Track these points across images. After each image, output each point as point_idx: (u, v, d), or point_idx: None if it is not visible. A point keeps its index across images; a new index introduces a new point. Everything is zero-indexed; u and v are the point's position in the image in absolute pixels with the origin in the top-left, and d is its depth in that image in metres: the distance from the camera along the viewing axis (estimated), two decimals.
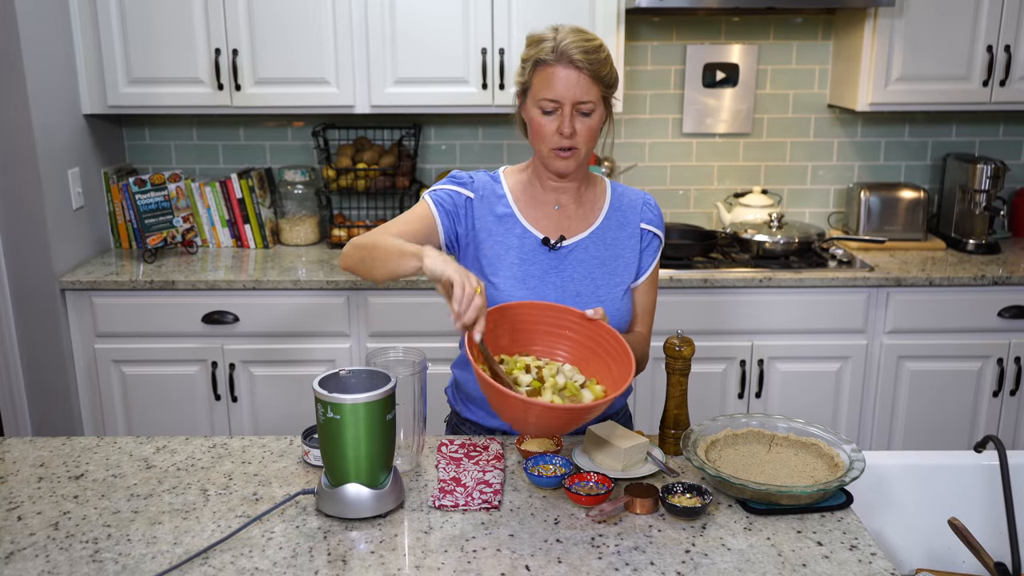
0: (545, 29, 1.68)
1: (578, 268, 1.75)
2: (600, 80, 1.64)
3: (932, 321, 3.01)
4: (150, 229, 3.20)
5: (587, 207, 1.79)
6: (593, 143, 1.70)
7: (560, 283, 1.74)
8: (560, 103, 1.64)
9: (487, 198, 1.77)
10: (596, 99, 1.65)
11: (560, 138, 1.65)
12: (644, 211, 1.81)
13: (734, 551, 1.35)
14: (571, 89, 1.63)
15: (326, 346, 3.01)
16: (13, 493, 1.54)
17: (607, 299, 1.74)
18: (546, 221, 1.77)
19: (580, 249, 1.76)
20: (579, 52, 1.61)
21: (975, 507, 1.72)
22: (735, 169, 3.53)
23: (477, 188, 1.78)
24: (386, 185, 3.33)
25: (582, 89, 1.63)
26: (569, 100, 1.63)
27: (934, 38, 3.06)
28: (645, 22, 3.39)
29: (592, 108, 1.65)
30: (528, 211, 1.77)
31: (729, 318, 3.00)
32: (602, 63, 1.64)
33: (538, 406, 1.40)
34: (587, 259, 1.76)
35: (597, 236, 1.77)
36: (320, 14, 3.01)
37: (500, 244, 1.75)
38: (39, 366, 3.00)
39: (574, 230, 1.77)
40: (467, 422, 1.86)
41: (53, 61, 2.94)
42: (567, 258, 1.75)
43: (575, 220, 1.78)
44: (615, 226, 1.79)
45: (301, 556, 1.34)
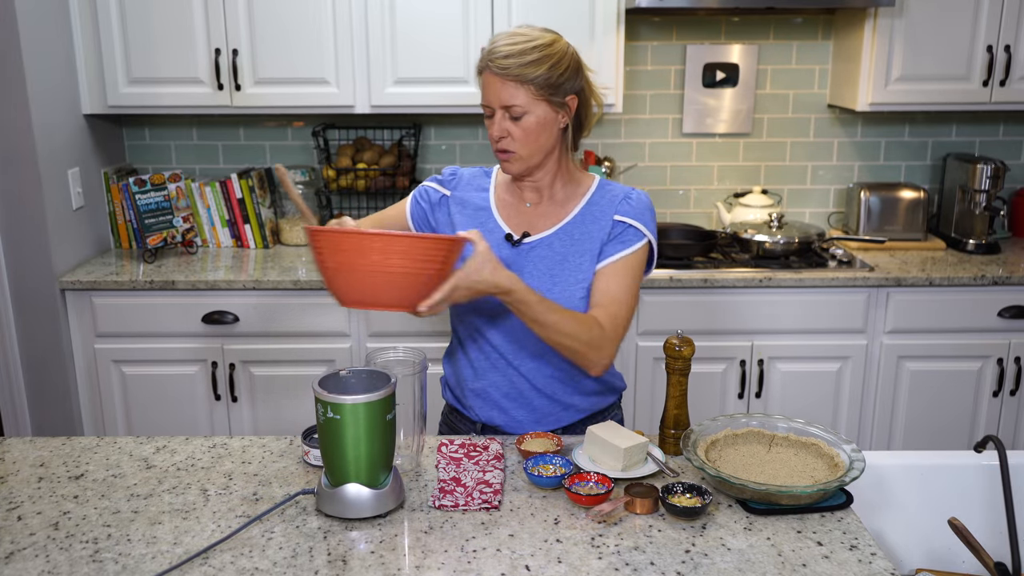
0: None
1: (538, 265, 1.73)
2: (530, 82, 1.63)
3: (932, 321, 3.01)
4: (150, 229, 3.20)
5: (559, 206, 1.78)
6: (536, 145, 1.68)
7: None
8: (492, 108, 1.67)
9: (468, 194, 1.82)
10: (526, 102, 1.64)
11: (494, 139, 1.69)
12: (622, 204, 1.74)
13: (734, 551, 1.35)
14: (496, 94, 1.65)
15: (326, 346, 3.01)
16: (13, 493, 1.54)
17: (561, 297, 1.70)
18: (518, 218, 1.78)
19: (543, 246, 1.75)
20: (500, 57, 1.62)
21: (975, 507, 1.72)
22: (735, 169, 3.53)
23: (458, 185, 1.83)
24: (386, 185, 3.33)
25: (507, 94, 1.64)
26: (497, 105, 1.66)
27: (934, 38, 3.07)
28: (645, 22, 3.39)
29: (523, 111, 1.65)
30: (504, 206, 1.80)
31: (729, 318, 3.00)
32: (529, 65, 1.62)
33: (379, 238, 1.39)
34: (549, 256, 1.74)
35: (564, 232, 1.75)
36: (320, 14, 3.02)
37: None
38: (39, 366, 3.00)
39: (540, 227, 1.77)
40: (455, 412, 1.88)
41: (53, 61, 2.94)
42: (528, 255, 1.74)
43: (544, 217, 1.77)
44: (587, 221, 1.75)
45: (301, 556, 1.34)
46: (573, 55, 1.69)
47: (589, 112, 1.76)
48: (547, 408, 1.79)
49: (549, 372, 1.76)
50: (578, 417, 1.82)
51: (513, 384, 1.77)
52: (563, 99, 1.68)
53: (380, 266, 1.42)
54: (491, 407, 1.80)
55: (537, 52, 1.63)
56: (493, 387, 1.79)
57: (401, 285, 1.45)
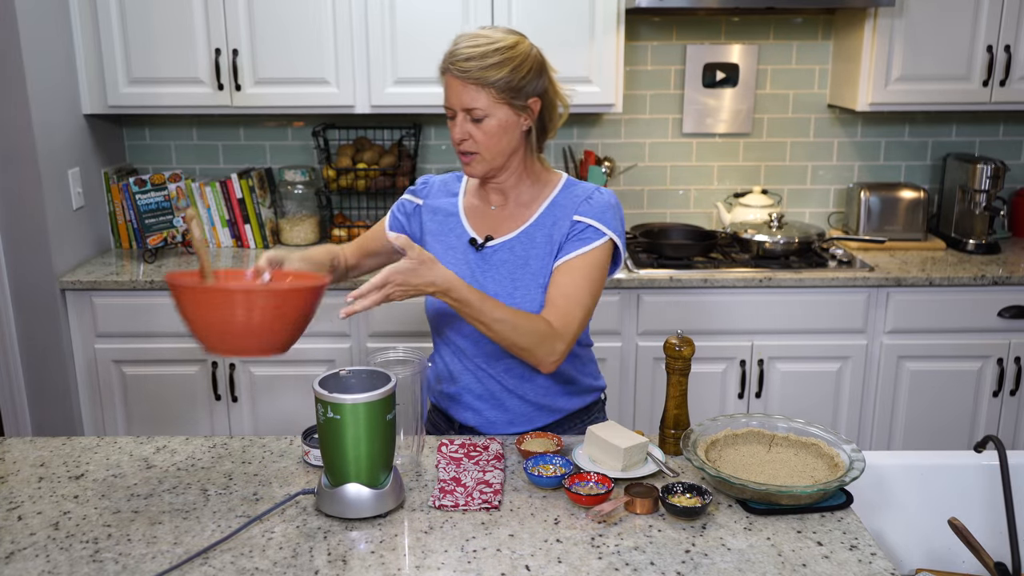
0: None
1: (500, 269, 1.73)
2: (491, 85, 1.62)
3: (932, 321, 3.01)
4: (150, 229, 3.20)
5: (523, 208, 1.77)
6: (497, 148, 1.68)
7: (480, 285, 1.73)
8: (454, 110, 1.67)
9: (439, 200, 1.83)
10: (488, 104, 1.64)
11: (457, 144, 1.69)
12: (583, 205, 1.72)
13: (734, 551, 1.35)
14: (457, 97, 1.65)
15: (326, 346, 3.01)
16: (13, 493, 1.54)
17: (523, 301, 1.70)
18: (484, 221, 1.78)
19: (505, 250, 1.74)
20: (461, 60, 1.62)
21: (975, 507, 1.72)
22: (735, 169, 3.53)
23: (430, 193, 1.85)
24: (386, 185, 3.33)
25: (468, 96, 1.64)
26: (458, 107, 1.66)
27: (934, 38, 3.07)
28: (645, 22, 3.39)
29: (484, 114, 1.64)
30: (471, 211, 1.80)
31: (729, 318, 3.00)
32: (489, 68, 1.61)
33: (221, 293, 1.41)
34: (511, 259, 1.73)
35: (526, 235, 1.74)
36: (320, 14, 3.02)
37: (445, 244, 1.79)
38: (39, 366, 3.00)
39: (503, 230, 1.76)
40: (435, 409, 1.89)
41: (53, 61, 2.94)
42: (491, 259, 1.75)
43: (507, 221, 1.77)
44: (549, 223, 1.73)
45: (301, 556, 1.34)
46: (536, 57, 1.68)
47: (554, 114, 1.75)
48: (520, 409, 1.79)
49: (519, 373, 1.76)
50: (554, 418, 1.81)
51: (485, 386, 1.78)
52: (525, 102, 1.67)
53: (235, 319, 1.42)
54: (464, 408, 1.81)
55: (498, 55, 1.62)
56: (466, 390, 1.80)
57: (259, 334, 1.45)
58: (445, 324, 1.79)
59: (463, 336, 1.77)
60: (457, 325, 1.77)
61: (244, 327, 1.42)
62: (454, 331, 1.78)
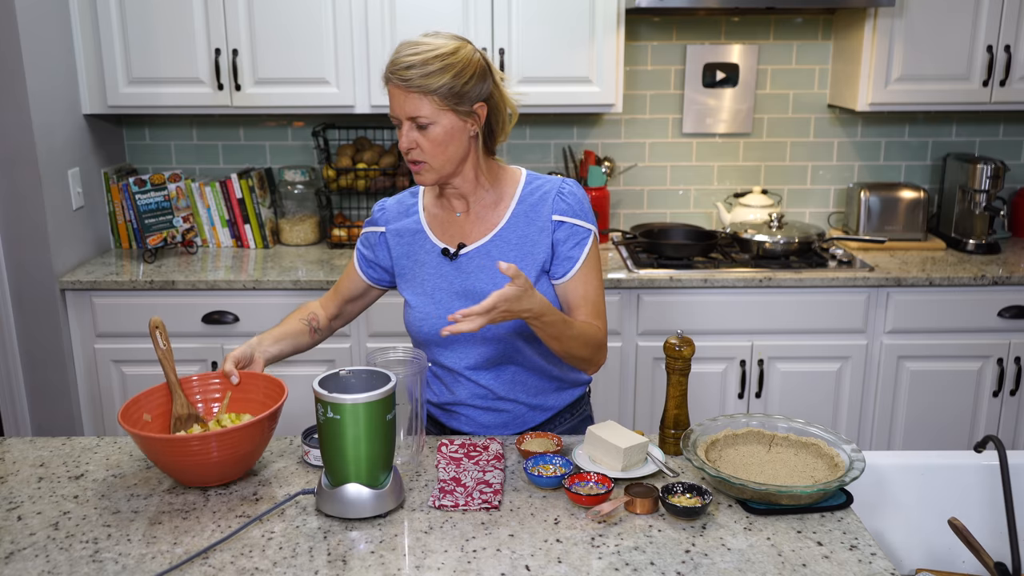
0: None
1: (479, 274, 1.73)
2: (433, 92, 1.60)
3: (932, 321, 3.01)
4: (150, 229, 3.20)
5: (489, 210, 1.76)
6: (445, 155, 1.66)
7: (464, 291, 1.73)
8: (399, 119, 1.65)
9: (400, 222, 1.81)
10: (431, 112, 1.62)
11: (405, 153, 1.67)
12: (556, 202, 1.72)
13: (734, 551, 1.35)
14: (400, 106, 1.63)
15: (326, 346, 3.00)
16: (13, 493, 1.54)
17: None
18: (452, 230, 1.77)
19: (482, 254, 1.73)
20: (402, 68, 1.60)
21: (975, 507, 1.72)
22: (735, 169, 3.53)
23: (388, 218, 1.82)
24: (386, 185, 3.33)
25: (411, 105, 1.62)
26: (402, 116, 1.64)
27: (934, 38, 3.06)
28: (645, 22, 3.39)
29: (428, 122, 1.63)
30: (435, 223, 1.78)
31: (729, 318, 3.00)
32: (430, 75, 1.59)
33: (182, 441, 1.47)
34: (488, 264, 1.73)
35: (500, 238, 1.73)
36: (320, 14, 3.02)
37: (415, 261, 1.78)
38: (39, 366, 3.00)
39: (475, 236, 1.75)
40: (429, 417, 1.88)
41: (53, 61, 2.94)
42: (467, 266, 1.74)
43: (476, 225, 1.76)
44: (523, 223, 1.73)
45: (301, 556, 1.34)
46: (478, 62, 1.65)
47: (502, 117, 1.73)
48: (514, 410, 1.79)
49: (508, 378, 1.77)
50: (546, 416, 1.82)
51: (476, 395, 1.78)
52: (470, 107, 1.65)
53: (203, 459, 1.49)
54: (457, 418, 1.81)
55: (439, 62, 1.60)
56: (457, 403, 1.80)
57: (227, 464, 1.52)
58: (433, 342, 1.77)
59: (451, 350, 1.76)
60: (447, 346, 1.76)
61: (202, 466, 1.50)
62: (441, 347, 1.77)
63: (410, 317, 1.78)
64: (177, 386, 1.65)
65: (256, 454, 1.56)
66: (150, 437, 1.46)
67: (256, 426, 1.50)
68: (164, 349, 1.65)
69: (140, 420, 1.59)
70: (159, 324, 1.66)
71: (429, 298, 1.75)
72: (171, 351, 1.66)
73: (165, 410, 1.65)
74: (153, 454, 1.49)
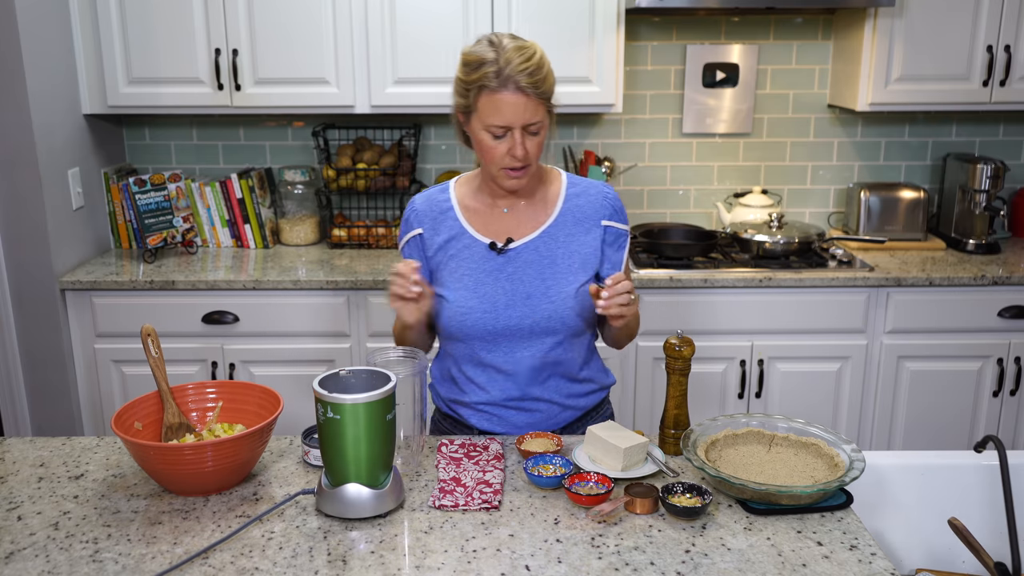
0: (483, 47, 1.65)
1: (527, 270, 1.74)
2: (545, 97, 1.63)
3: (932, 321, 3.01)
4: (150, 229, 3.20)
5: (538, 207, 1.78)
6: (540, 156, 1.70)
7: (510, 286, 1.73)
8: (510, 127, 1.63)
9: (435, 221, 1.79)
10: (543, 117, 1.65)
11: (512, 159, 1.66)
12: (604, 206, 1.78)
13: (734, 551, 1.35)
14: (520, 115, 1.62)
15: (326, 346, 3.01)
16: (13, 493, 1.54)
17: (558, 298, 1.72)
18: (496, 225, 1.77)
19: (529, 250, 1.75)
20: (525, 76, 1.60)
21: (975, 507, 1.72)
22: (735, 169, 3.53)
23: (422, 219, 1.80)
24: (386, 185, 3.34)
25: (530, 112, 1.62)
26: (519, 123, 1.63)
27: (934, 38, 3.06)
28: (645, 22, 3.39)
29: (540, 127, 1.65)
30: (476, 219, 1.78)
31: (729, 318, 3.00)
32: (544, 79, 1.62)
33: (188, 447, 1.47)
34: (537, 259, 1.74)
35: (548, 235, 1.76)
36: (320, 14, 3.02)
37: (452, 257, 1.76)
38: (39, 366, 3.00)
39: (523, 231, 1.76)
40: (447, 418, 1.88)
41: (53, 61, 2.94)
42: (515, 260, 1.74)
43: (524, 221, 1.77)
44: (570, 222, 1.77)
45: (301, 556, 1.34)
46: None
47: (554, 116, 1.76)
48: (546, 410, 1.80)
49: (545, 378, 1.77)
50: (575, 416, 1.83)
51: (510, 395, 1.78)
52: (551, 106, 1.68)
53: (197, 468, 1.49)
54: (488, 418, 1.81)
55: (546, 66, 1.64)
56: (490, 402, 1.79)
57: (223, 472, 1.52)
58: (476, 337, 1.75)
59: (493, 350, 1.75)
60: (490, 341, 1.74)
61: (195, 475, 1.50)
62: (485, 347, 1.75)
63: (449, 312, 1.74)
64: (169, 395, 1.65)
65: (248, 466, 1.55)
66: (144, 445, 1.46)
67: (249, 438, 1.50)
68: (156, 357, 1.64)
69: (132, 428, 1.59)
70: (151, 332, 1.66)
71: (471, 292, 1.73)
72: (163, 359, 1.65)
73: (156, 419, 1.65)
74: (145, 461, 1.49)
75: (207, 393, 1.69)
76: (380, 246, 3.32)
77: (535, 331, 1.73)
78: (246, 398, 1.68)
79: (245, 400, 1.68)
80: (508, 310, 1.72)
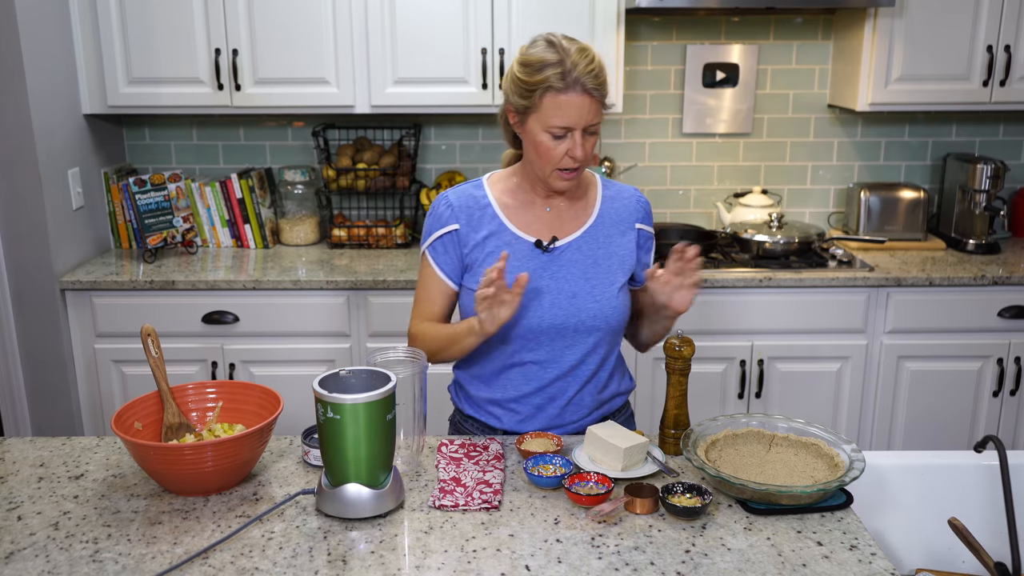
0: (543, 48, 1.65)
1: (572, 268, 1.75)
2: (604, 97, 1.66)
3: (932, 321, 3.01)
4: (150, 229, 3.20)
5: (579, 206, 1.80)
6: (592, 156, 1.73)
7: (555, 285, 1.73)
8: (572, 129, 1.64)
9: (472, 217, 1.76)
10: (600, 116, 1.67)
11: (570, 160, 1.66)
12: (637, 209, 1.82)
13: (734, 551, 1.35)
14: (584, 116, 1.63)
15: (326, 346, 3.01)
16: (13, 493, 1.54)
17: (603, 297, 1.74)
18: (538, 224, 1.77)
19: (573, 249, 1.76)
20: (591, 78, 1.61)
21: (975, 507, 1.72)
22: (735, 169, 3.53)
23: (459, 215, 1.76)
24: (386, 185, 3.34)
25: (592, 113, 1.64)
26: (581, 125, 1.64)
27: (934, 38, 3.06)
28: (645, 22, 3.39)
29: (598, 127, 1.68)
30: (517, 216, 1.77)
31: (729, 318, 3.00)
32: (606, 81, 1.65)
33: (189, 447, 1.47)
34: (580, 259, 1.76)
35: (590, 235, 1.78)
36: (320, 14, 3.02)
37: (492, 256, 1.75)
38: (39, 366, 3.00)
39: (566, 230, 1.77)
40: (469, 419, 1.86)
41: (53, 61, 2.94)
42: (560, 259, 1.75)
43: (567, 220, 1.78)
44: (608, 223, 1.79)
45: (301, 556, 1.34)
46: None
47: None
48: (576, 413, 1.80)
49: (583, 377, 1.77)
50: (601, 416, 1.84)
51: (549, 396, 1.77)
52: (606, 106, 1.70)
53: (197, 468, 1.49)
54: (520, 417, 1.79)
55: (603, 65, 1.66)
56: (525, 401, 1.78)
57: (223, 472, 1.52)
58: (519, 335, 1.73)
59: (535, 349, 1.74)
60: (532, 339, 1.73)
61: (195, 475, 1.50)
62: (527, 345, 1.74)
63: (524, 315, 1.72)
64: (169, 395, 1.65)
65: (248, 466, 1.55)
66: (144, 445, 1.46)
67: (249, 438, 1.50)
68: (156, 357, 1.64)
69: (132, 428, 1.59)
70: (151, 332, 1.66)
71: None
72: (163, 359, 1.65)
73: (156, 419, 1.65)
74: (145, 461, 1.49)
75: (207, 393, 1.69)
76: (380, 246, 3.32)
77: (579, 330, 1.74)
78: (246, 398, 1.68)
79: (245, 400, 1.68)
80: (553, 309, 1.72)
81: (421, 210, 3.43)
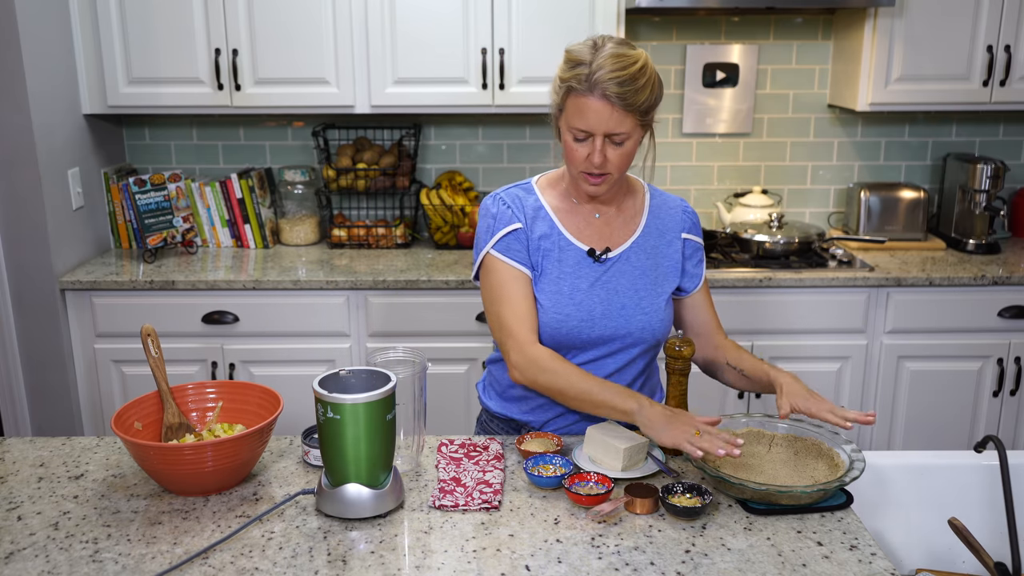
0: (584, 46, 1.61)
1: (622, 279, 1.73)
2: (635, 110, 1.59)
3: (932, 321, 3.01)
4: (150, 229, 3.20)
5: (627, 215, 1.77)
6: (627, 166, 1.67)
7: (605, 295, 1.71)
8: (591, 133, 1.60)
9: (528, 216, 1.73)
10: (630, 128, 1.61)
11: (590, 164, 1.63)
12: (684, 219, 1.80)
13: (734, 551, 1.35)
14: (603, 122, 1.58)
15: (326, 346, 3.01)
16: (13, 493, 1.54)
17: (651, 309, 1.73)
18: (588, 231, 1.74)
19: (623, 260, 1.74)
20: (614, 85, 1.55)
21: (975, 507, 1.72)
22: (735, 169, 3.53)
23: (517, 214, 1.72)
24: (386, 185, 3.34)
25: (614, 122, 1.58)
26: (600, 132, 1.60)
27: (934, 38, 3.06)
28: (645, 22, 3.39)
29: (625, 138, 1.62)
30: (569, 222, 1.74)
31: (729, 318, 3.00)
32: (638, 92, 1.58)
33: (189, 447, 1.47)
34: (630, 269, 1.73)
35: (639, 245, 1.75)
36: (320, 14, 3.02)
37: (548, 259, 1.72)
38: (39, 366, 3.00)
39: (617, 240, 1.75)
40: (496, 419, 1.84)
41: (53, 61, 2.94)
42: (611, 269, 1.73)
43: (617, 229, 1.75)
44: (655, 234, 1.77)
45: (301, 556, 1.34)
46: (657, 73, 1.66)
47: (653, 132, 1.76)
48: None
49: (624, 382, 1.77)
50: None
51: None
52: (651, 119, 1.66)
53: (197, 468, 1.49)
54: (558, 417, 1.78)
55: (643, 77, 1.60)
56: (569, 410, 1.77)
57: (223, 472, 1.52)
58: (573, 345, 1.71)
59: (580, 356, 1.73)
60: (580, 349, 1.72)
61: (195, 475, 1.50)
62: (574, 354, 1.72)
63: (545, 318, 1.69)
64: (168, 395, 1.65)
65: (248, 466, 1.55)
66: (144, 445, 1.46)
67: (249, 438, 1.50)
68: (156, 357, 1.64)
69: (132, 428, 1.59)
70: (151, 332, 1.66)
71: (568, 298, 1.70)
72: (163, 359, 1.65)
73: (156, 419, 1.65)
74: (145, 461, 1.49)
75: (207, 393, 1.69)
76: (380, 246, 3.32)
77: (626, 342, 1.73)
78: (246, 398, 1.68)
79: (245, 400, 1.68)
80: (604, 320, 1.70)
81: (421, 210, 3.43)
